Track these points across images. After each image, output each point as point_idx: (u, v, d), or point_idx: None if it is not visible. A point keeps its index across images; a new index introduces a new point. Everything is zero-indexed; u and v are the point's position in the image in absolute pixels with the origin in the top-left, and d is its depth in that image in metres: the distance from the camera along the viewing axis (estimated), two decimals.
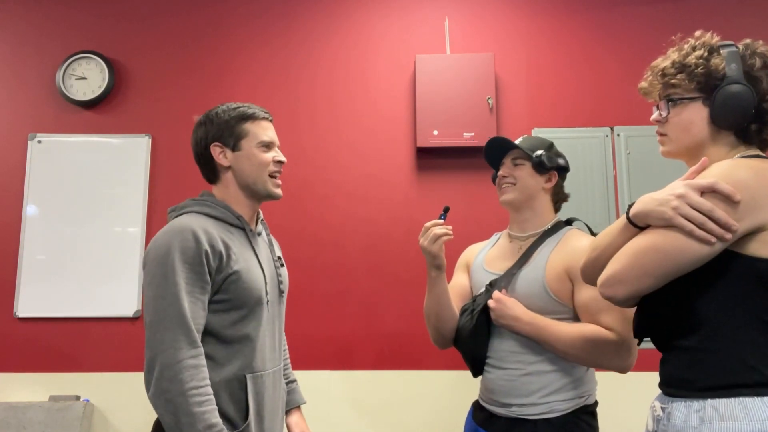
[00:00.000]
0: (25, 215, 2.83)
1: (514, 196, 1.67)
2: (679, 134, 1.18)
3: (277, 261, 1.59)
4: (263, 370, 1.45)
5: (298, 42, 2.98)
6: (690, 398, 1.06)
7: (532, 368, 1.56)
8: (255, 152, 1.49)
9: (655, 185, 1.20)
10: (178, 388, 1.27)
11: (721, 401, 1.01)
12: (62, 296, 2.76)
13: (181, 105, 2.93)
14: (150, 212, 2.83)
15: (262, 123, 1.52)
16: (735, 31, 1.30)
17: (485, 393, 1.66)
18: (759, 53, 1.14)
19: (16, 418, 2.55)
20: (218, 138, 1.49)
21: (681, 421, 1.05)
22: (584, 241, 1.56)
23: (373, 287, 2.75)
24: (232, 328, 1.41)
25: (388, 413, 2.65)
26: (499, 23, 2.98)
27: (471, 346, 1.64)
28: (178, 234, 1.36)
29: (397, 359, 2.69)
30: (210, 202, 1.49)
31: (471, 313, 1.64)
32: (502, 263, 1.68)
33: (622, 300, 1.10)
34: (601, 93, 2.89)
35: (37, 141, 2.89)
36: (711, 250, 1.01)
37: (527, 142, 1.71)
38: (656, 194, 1.08)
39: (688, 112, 1.17)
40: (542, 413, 1.53)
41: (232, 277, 1.39)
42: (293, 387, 1.73)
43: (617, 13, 2.97)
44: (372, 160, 2.87)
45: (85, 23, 3.00)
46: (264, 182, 1.50)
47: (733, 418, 0.99)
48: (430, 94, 2.80)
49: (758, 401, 0.99)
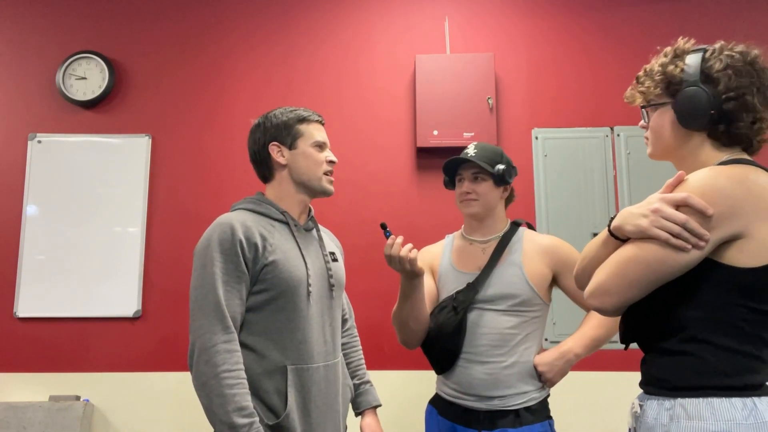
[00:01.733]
0: (25, 215, 2.83)
1: (478, 210, 1.79)
2: (655, 138, 1.23)
3: (329, 256, 1.64)
4: (310, 363, 1.48)
5: (298, 42, 2.98)
6: (663, 396, 1.09)
7: (511, 360, 1.67)
8: (310, 151, 1.59)
9: (655, 185, 1.20)
10: (212, 371, 1.35)
11: (690, 401, 1.04)
12: (62, 296, 2.76)
13: (181, 105, 2.93)
14: (150, 212, 2.83)
15: (316, 125, 1.63)
16: (734, 31, 1.30)
17: (457, 387, 1.71)
18: (727, 54, 1.14)
19: (16, 418, 2.55)
20: (276, 137, 1.59)
21: (652, 418, 1.09)
22: (545, 238, 1.81)
23: (373, 287, 2.75)
24: (271, 318, 1.46)
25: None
26: (499, 23, 2.98)
27: (454, 341, 1.70)
28: (218, 227, 1.46)
29: (398, 359, 2.69)
30: (257, 199, 1.60)
31: (454, 310, 1.70)
32: (472, 263, 1.78)
33: (610, 310, 1.13)
34: (601, 93, 2.89)
35: (37, 141, 2.89)
36: (689, 258, 1.03)
37: (482, 153, 1.78)
38: (633, 208, 1.11)
39: (660, 117, 1.21)
40: (523, 402, 1.65)
41: (268, 267, 1.46)
42: (366, 388, 1.74)
43: (617, 13, 2.97)
44: (372, 160, 2.87)
45: (85, 23, 3.00)
46: (319, 179, 1.59)
47: (700, 417, 1.02)
48: (430, 94, 2.80)
49: (725, 402, 1.02)
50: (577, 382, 1.73)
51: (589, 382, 2.61)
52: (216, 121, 2.93)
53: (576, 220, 2.78)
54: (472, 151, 1.79)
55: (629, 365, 2.54)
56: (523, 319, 1.70)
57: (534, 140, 2.85)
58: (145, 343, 2.71)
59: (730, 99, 1.12)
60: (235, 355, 1.38)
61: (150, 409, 2.67)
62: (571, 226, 2.78)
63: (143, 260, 2.79)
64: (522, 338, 1.69)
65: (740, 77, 1.12)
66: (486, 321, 1.69)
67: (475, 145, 1.81)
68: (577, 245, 2.65)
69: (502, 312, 1.69)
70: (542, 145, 2.85)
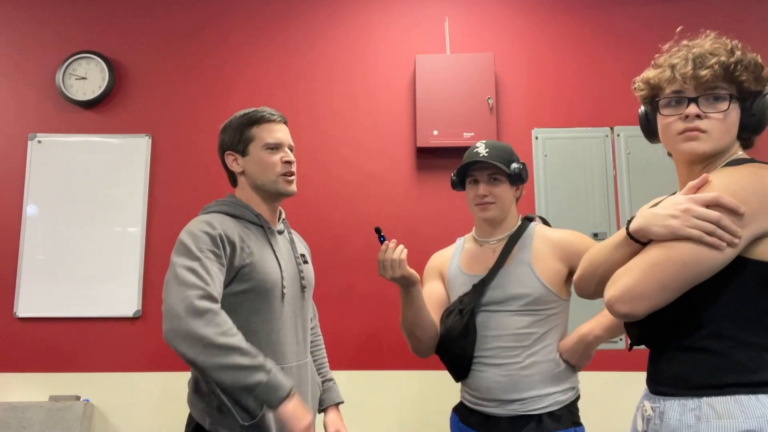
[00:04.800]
0: (25, 215, 2.83)
1: (496, 213, 1.71)
2: (723, 134, 1.13)
3: (300, 258, 1.63)
4: (284, 363, 1.49)
5: (298, 42, 2.98)
6: (684, 396, 1.06)
7: (528, 360, 1.60)
8: (261, 155, 1.56)
9: (654, 185, 1.20)
10: (216, 330, 1.33)
11: (717, 399, 1.02)
12: (62, 296, 2.75)
13: (181, 105, 2.93)
14: (150, 212, 2.83)
15: (270, 125, 1.58)
16: (735, 30, 1.30)
17: (477, 394, 1.65)
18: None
19: (16, 418, 2.55)
20: (230, 146, 1.59)
21: (676, 420, 1.06)
22: (557, 232, 1.72)
23: (373, 287, 2.74)
24: (247, 320, 1.47)
25: (388, 412, 2.66)
26: (499, 23, 2.98)
27: (462, 345, 1.65)
28: (197, 223, 1.48)
29: (398, 359, 2.69)
30: (230, 202, 1.59)
31: (460, 313, 1.65)
32: (480, 265, 1.71)
33: (641, 315, 1.07)
34: (601, 93, 2.89)
35: (37, 141, 2.89)
36: (725, 257, 1.02)
37: (496, 153, 1.68)
38: (657, 209, 1.08)
39: (735, 113, 1.15)
40: (546, 407, 1.57)
41: (245, 269, 1.47)
42: (330, 385, 1.75)
43: (617, 13, 2.97)
44: (372, 159, 2.87)
45: (84, 23, 3.00)
46: (274, 182, 1.57)
47: (729, 415, 1.00)
48: (430, 94, 2.80)
49: (754, 399, 1.00)
50: (580, 383, 1.71)
51: (590, 382, 2.61)
52: (216, 121, 2.91)
53: (576, 220, 2.78)
54: (484, 151, 1.68)
55: (630, 365, 2.54)
56: (539, 317, 1.62)
57: (534, 140, 2.85)
58: (145, 343, 2.71)
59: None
60: (222, 313, 1.37)
61: (150, 409, 2.67)
62: (571, 226, 2.73)
63: (143, 260, 2.79)
64: (539, 337, 1.62)
65: None
66: (496, 323, 1.63)
67: (486, 144, 1.71)
68: None
69: (514, 312, 1.62)
70: (542, 145, 2.85)
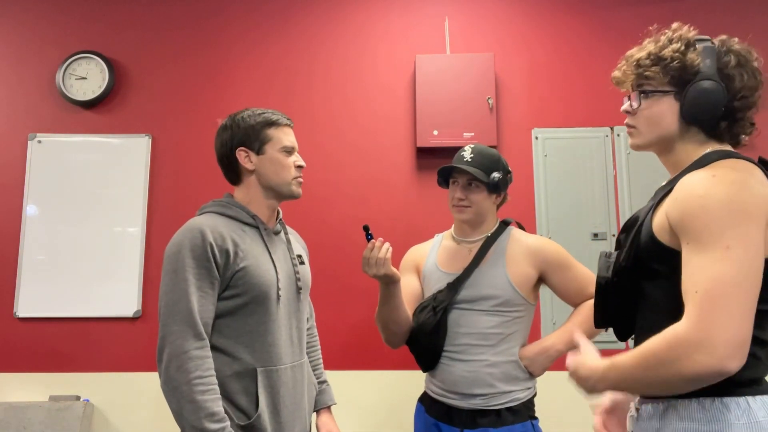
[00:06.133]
0: (25, 215, 2.83)
1: (471, 217, 1.78)
2: (649, 127, 1.17)
3: (296, 259, 1.64)
4: (278, 364, 1.49)
5: (298, 42, 2.98)
6: (655, 399, 1.08)
7: (494, 359, 1.69)
8: (278, 156, 1.58)
9: (654, 185, 1.20)
10: (184, 378, 1.34)
11: (681, 401, 1.03)
12: (62, 296, 2.75)
13: (181, 105, 2.93)
14: (150, 212, 2.83)
15: (285, 129, 1.61)
16: (734, 30, 1.30)
17: (442, 386, 1.73)
18: (734, 51, 1.13)
19: (16, 418, 2.55)
20: (244, 142, 1.57)
21: (646, 422, 1.09)
22: (531, 238, 1.80)
23: (373, 287, 2.74)
24: (242, 322, 1.47)
25: (386, 412, 2.65)
26: (499, 23, 2.98)
27: (433, 340, 1.72)
28: (188, 232, 1.46)
29: (399, 359, 2.69)
30: (226, 202, 1.58)
31: (434, 311, 1.72)
32: (456, 264, 1.78)
33: None
34: (602, 93, 2.88)
35: (37, 141, 2.89)
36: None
37: (479, 159, 1.75)
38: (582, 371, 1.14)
39: (660, 106, 1.15)
40: (505, 403, 1.67)
41: (240, 273, 1.46)
42: (323, 388, 1.76)
43: (617, 12, 2.97)
44: (372, 160, 2.87)
45: (85, 23, 3.00)
46: (288, 184, 1.59)
47: (691, 419, 1.01)
48: (430, 94, 2.80)
49: (717, 402, 1.00)
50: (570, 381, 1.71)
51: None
52: None
53: (576, 220, 2.78)
54: (469, 156, 1.76)
55: None
56: (506, 319, 1.71)
57: (534, 140, 2.85)
58: (145, 343, 2.71)
59: (742, 98, 1.11)
60: (207, 361, 1.38)
61: (150, 409, 2.67)
62: (571, 226, 2.78)
63: (143, 260, 2.79)
64: (504, 338, 1.71)
65: (751, 77, 1.12)
66: (467, 321, 1.71)
67: (473, 149, 1.78)
68: (577, 245, 2.68)
69: (484, 312, 1.71)
70: (542, 145, 2.85)
